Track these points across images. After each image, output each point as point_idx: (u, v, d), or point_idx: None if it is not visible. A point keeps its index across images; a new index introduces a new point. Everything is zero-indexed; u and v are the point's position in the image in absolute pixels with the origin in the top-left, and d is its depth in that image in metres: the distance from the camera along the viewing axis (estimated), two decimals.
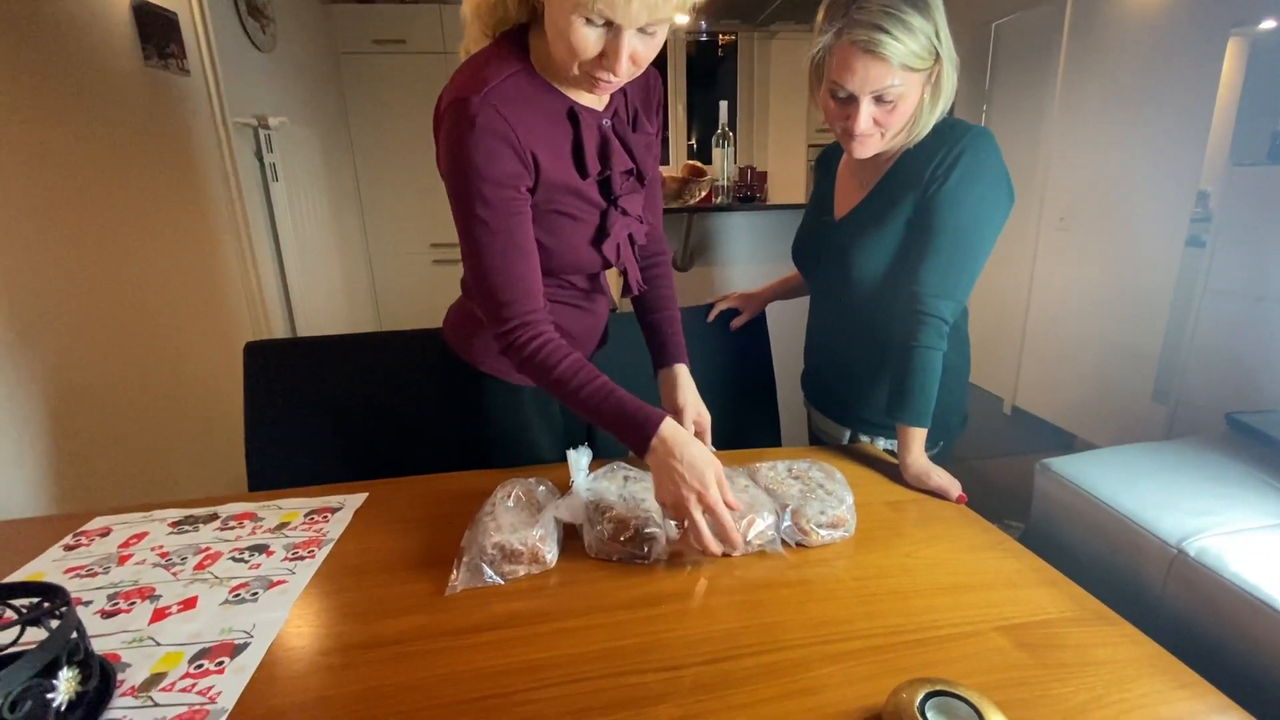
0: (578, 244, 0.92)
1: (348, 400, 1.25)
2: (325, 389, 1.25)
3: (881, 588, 0.72)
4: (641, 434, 0.78)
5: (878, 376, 1.09)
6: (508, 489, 0.85)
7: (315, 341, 1.28)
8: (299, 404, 1.23)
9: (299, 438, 1.23)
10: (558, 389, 0.83)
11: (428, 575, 0.75)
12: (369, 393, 1.26)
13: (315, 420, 1.24)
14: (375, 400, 1.26)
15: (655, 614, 0.68)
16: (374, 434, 1.26)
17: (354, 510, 0.93)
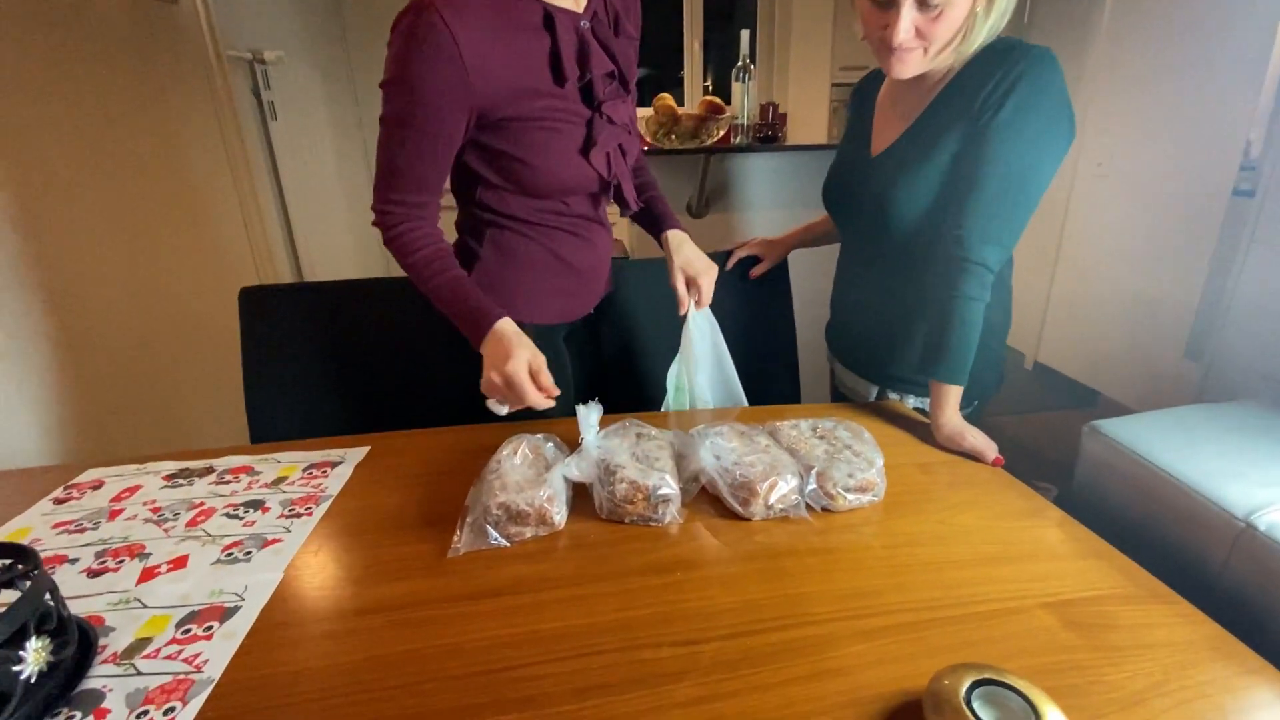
0: (565, 158, 0.88)
1: (350, 349, 1.20)
2: (326, 337, 1.19)
3: (914, 557, 0.66)
4: (479, 328, 0.84)
5: (911, 329, 1.02)
6: (514, 445, 0.80)
7: (314, 287, 1.21)
8: (299, 353, 1.18)
9: (300, 389, 1.18)
10: (414, 273, 0.87)
11: (430, 535, 0.71)
12: (372, 341, 1.21)
13: (316, 370, 1.19)
14: (378, 349, 1.21)
15: (670, 581, 0.63)
16: (377, 384, 1.21)
17: (354, 465, 0.89)
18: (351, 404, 1.20)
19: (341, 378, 1.20)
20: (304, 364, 1.18)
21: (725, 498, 0.74)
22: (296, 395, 1.18)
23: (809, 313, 1.42)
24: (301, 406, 1.18)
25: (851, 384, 1.15)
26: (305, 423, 1.17)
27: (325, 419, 1.18)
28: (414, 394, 1.22)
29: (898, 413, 1.02)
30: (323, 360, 1.19)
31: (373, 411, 1.21)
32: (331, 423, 1.18)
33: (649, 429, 0.85)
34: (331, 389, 1.19)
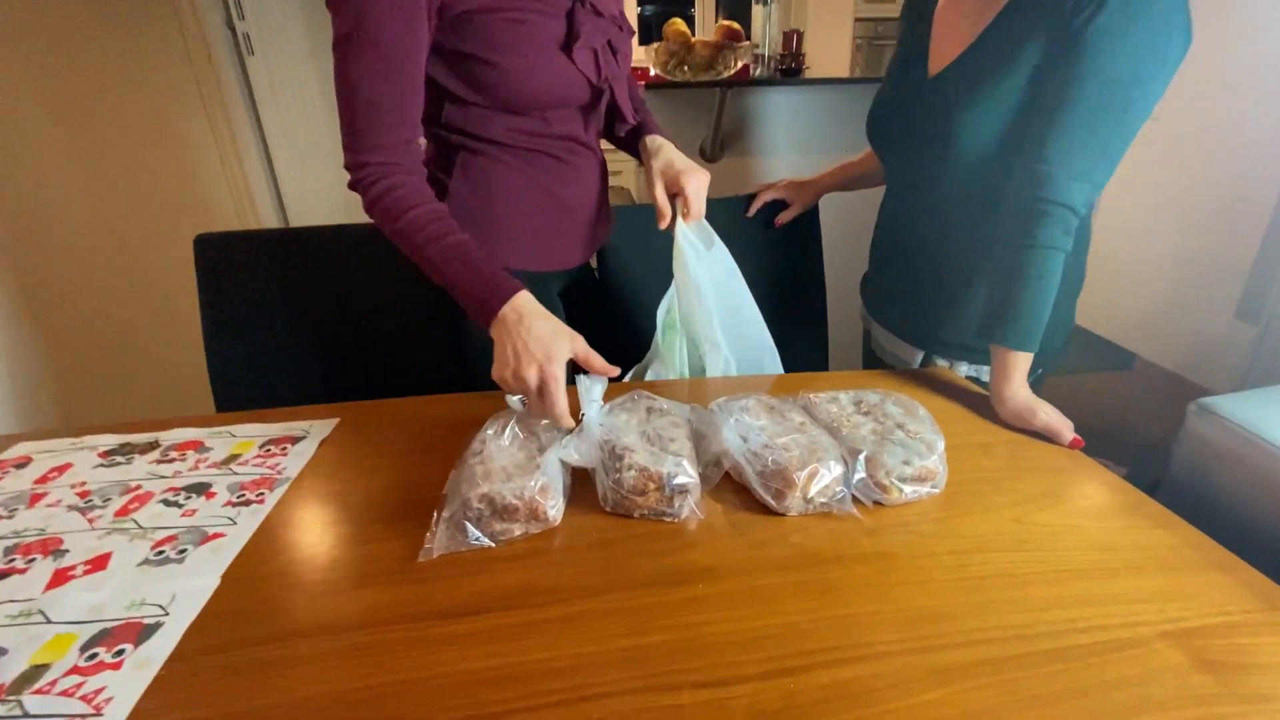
0: (543, 58, 0.74)
1: (326, 304, 1.07)
2: (295, 292, 1.06)
3: (989, 566, 0.54)
4: (492, 300, 0.69)
5: (970, 285, 0.87)
6: (501, 422, 0.67)
7: (282, 234, 1.07)
8: (264, 310, 1.05)
9: (267, 350, 1.05)
10: (405, 240, 0.71)
11: (401, 531, 0.59)
12: (351, 295, 1.07)
13: (285, 329, 1.06)
14: (358, 304, 1.08)
15: (690, 597, 0.51)
16: (356, 345, 1.08)
17: (319, 440, 0.76)
18: (326, 367, 1.08)
19: (315, 337, 1.07)
20: (271, 322, 1.05)
21: (755, 489, 0.61)
22: (264, 358, 1.05)
23: (840, 267, 1.27)
24: (270, 371, 1.05)
25: (891, 348, 1.01)
26: (273, 389, 1.05)
27: (296, 384, 1.06)
28: (398, 355, 1.09)
29: (947, 382, 0.89)
30: (293, 318, 1.06)
31: (351, 376, 1.08)
32: (304, 389, 1.06)
33: (660, 402, 0.72)
34: (304, 350, 1.07)
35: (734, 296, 0.91)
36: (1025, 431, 0.75)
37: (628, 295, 1.09)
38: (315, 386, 1.07)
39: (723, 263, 0.89)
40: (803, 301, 1.19)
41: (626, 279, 1.09)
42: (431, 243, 0.71)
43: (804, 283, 1.19)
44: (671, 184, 0.83)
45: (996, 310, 0.77)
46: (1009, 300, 0.76)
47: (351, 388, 1.07)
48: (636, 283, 1.10)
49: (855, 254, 1.12)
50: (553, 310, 0.91)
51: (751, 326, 0.93)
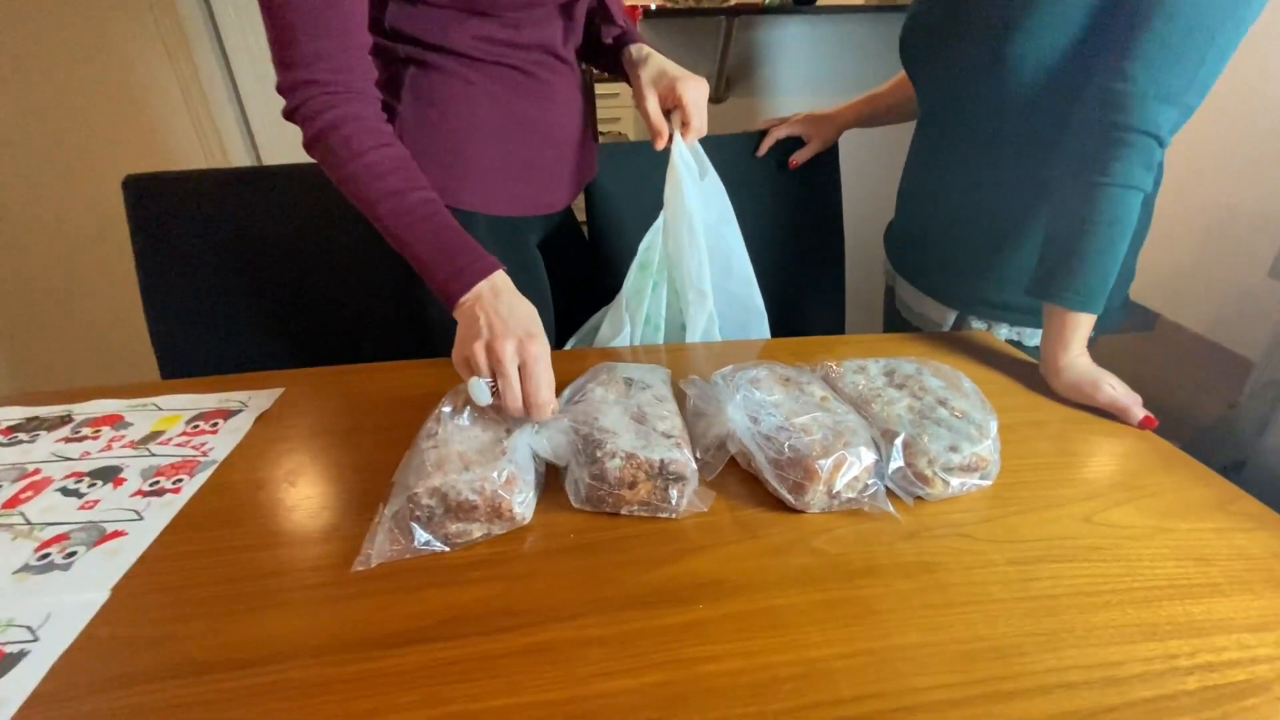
0: None
1: (278, 257, 0.94)
2: (245, 242, 0.93)
3: (1060, 582, 0.44)
4: (465, 276, 0.58)
5: (1017, 234, 0.75)
6: (462, 396, 0.56)
7: (226, 176, 0.94)
8: (209, 263, 0.92)
9: (212, 308, 0.93)
10: (354, 193, 0.58)
11: (337, 530, 0.49)
12: (305, 245, 0.95)
13: (233, 285, 0.94)
14: (315, 256, 0.95)
15: (689, 620, 0.41)
16: (316, 303, 0.96)
17: (257, 414, 0.65)
18: (284, 328, 0.96)
19: (270, 294, 0.95)
20: (218, 277, 0.93)
21: (768, 480, 0.51)
22: (210, 317, 0.93)
23: (861, 214, 1.14)
24: (217, 332, 0.93)
25: (919, 308, 0.89)
26: (225, 353, 0.94)
27: (251, 347, 0.94)
28: (358, 315, 0.97)
29: (985, 348, 0.77)
30: (244, 271, 0.94)
31: (305, 338, 0.96)
32: (260, 352, 0.95)
33: (638, 371, 0.61)
34: (257, 309, 0.95)
35: (724, 245, 0.78)
36: (1082, 407, 0.64)
37: (621, 249, 0.97)
38: (273, 349, 0.95)
39: (715, 203, 0.76)
40: (818, 254, 1.06)
41: (620, 229, 0.97)
42: (389, 199, 0.58)
43: (820, 232, 1.06)
44: (666, 95, 0.69)
45: (1055, 263, 0.65)
46: (1072, 251, 0.63)
47: (314, 350, 0.96)
48: (632, 234, 0.97)
49: (879, 199, 0.99)
50: (531, 266, 0.79)
51: (740, 283, 0.80)
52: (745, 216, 0.80)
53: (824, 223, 1.05)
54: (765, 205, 1.01)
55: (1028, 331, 0.79)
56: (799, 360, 0.66)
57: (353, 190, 0.58)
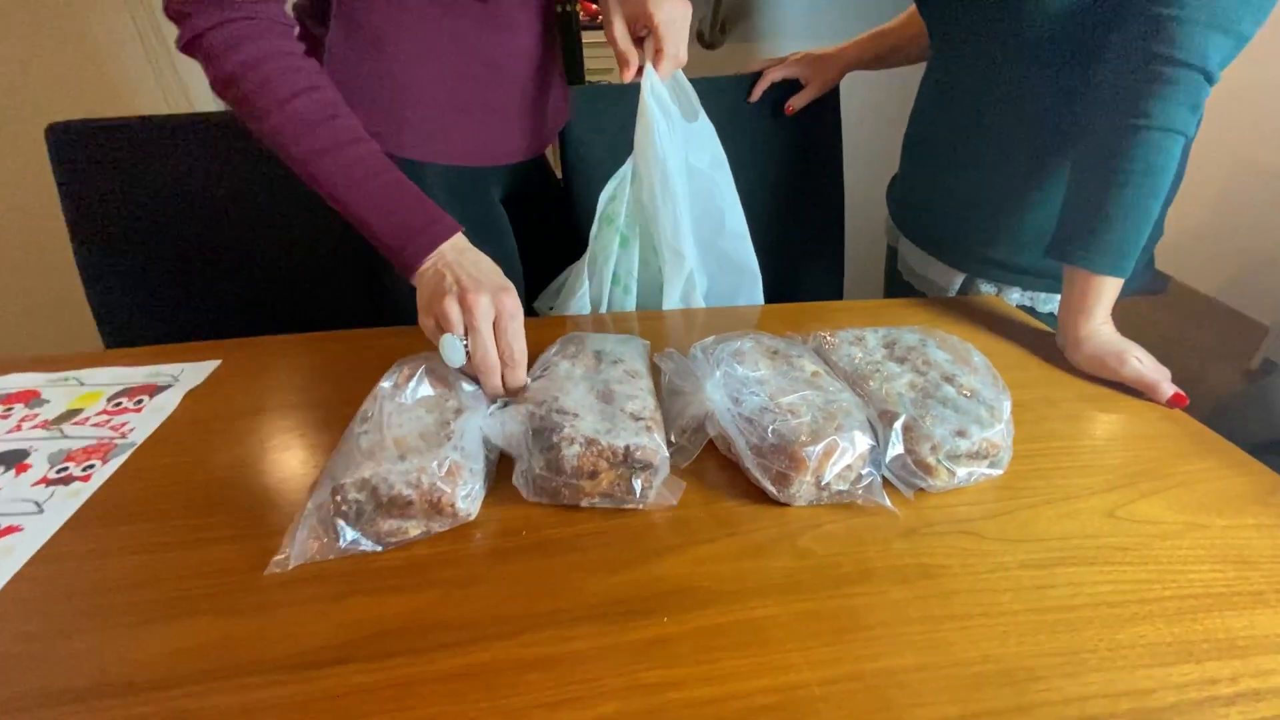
0: None
1: (215, 214, 0.86)
2: (180, 197, 0.85)
3: (1080, 589, 0.38)
4: (425, 238, 0.51)
5: (1036, 187, 0.67)
6: (406, 370, 0.49)
7: (163, 123, 0.85)
8: (145, 221, 0.85)
9: (150, 272, 0.86)
10: (283, 144, 0.50)
11: (259, 525, 0.43)
12: (244, 201, 0.86)
13: (172, 244, 0.86)
14: (254, 211, 0.87)
15: (653, 637, 0.35)
16: (262, 264, 0.89)
17: (187, 390, 0.59)
18: (224, 292, 0.88)
19: (212, 254, 0.87)
20: (154, 236, 0.85)
21: (749, 469, 0.45)
22: (149, 281, 0.86)
23: (863, 166, 1.05)
24: (156, 297, 0.86)
25: (923, 271, 0.82)
26: (168, 319, 0.87)
27: (192, 314, 0.87)
28: (314, 278, 0.89)
29: (994, 314, 0.70)
30: (182, 229, 0.86)
31: (253, 303, 0.89)
32: (201, 320, 0.88)
33: (617, 345, 0.54)
34: (195, 271, 0.87)
35: (716, 195, 0.70)
36: (1103, 382, 0.58)
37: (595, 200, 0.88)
38: (223, 316, 0.88)
39: (707, 146, 0.68)
40: (815, 211, 0.98)
41: (599, 181, 0.88)
42: (323, 155, 0.50)
43: (817, 187, 0.97)
44: (636, 18, 0.59)
45: (1080, 219, 0.58)
46: (1100, 206, 0.56)
47: (266, 316, 0.89)
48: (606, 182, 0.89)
49: (883, 150, 0.90)
50: (492, 225, 0.71)
51: (734, 241, 0.73)
52: (735, 169, 0.72)
53: (823, 176, 0.97)
54: (758, 156, 0.93)
55: (1042, 297, 0.72)
56: (790, 329, 0.59)
57: (278, 145, 0.50)
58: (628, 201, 0.65)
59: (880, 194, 0.91)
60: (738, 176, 0.72)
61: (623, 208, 0.65)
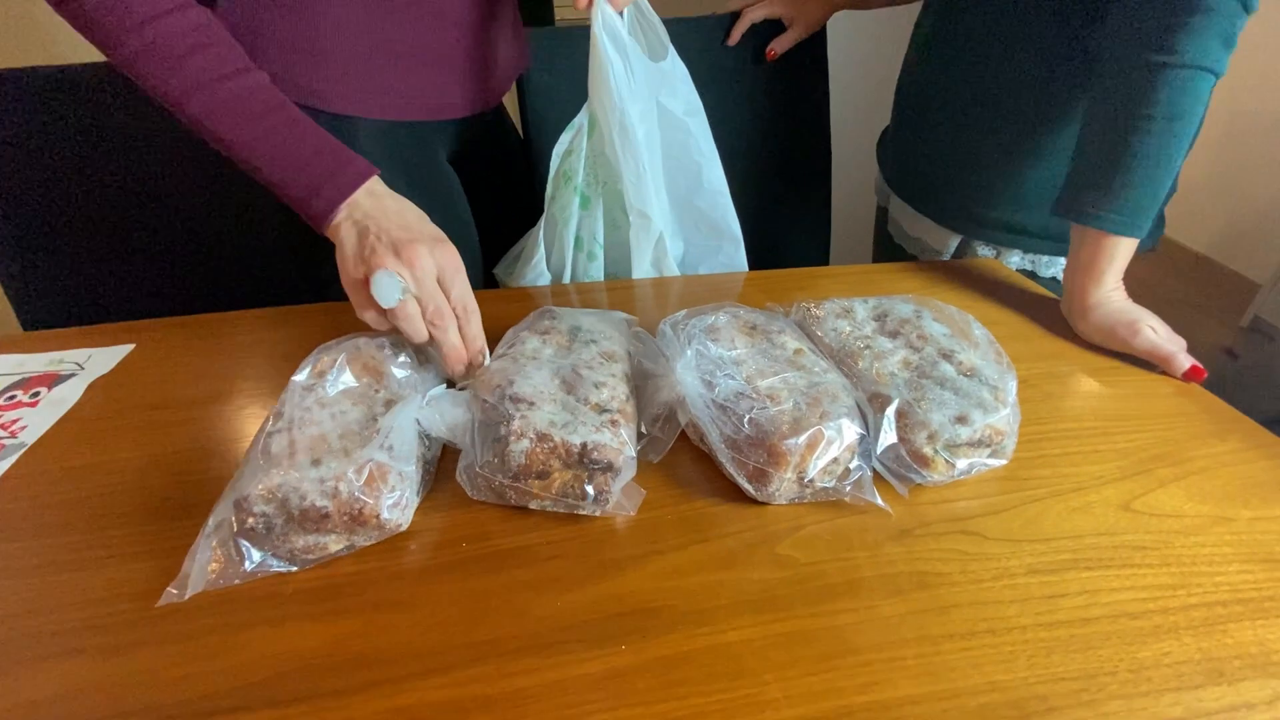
0: None
1: (149, 171, 0.78)
2: (110, 154, 0.76)
3: (1096, 598, 0.33)
4: (334, 184, 0.44)
5: (1043, 139, 0.61)
6: (331, 358, 0.43)
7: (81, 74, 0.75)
8: (64, 187, 0.76)
9: (72, 242, 0.78)
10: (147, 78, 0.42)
11: (165, 542, 0.37)
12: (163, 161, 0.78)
13: (95, 209, 0.77)
14: (175, 173, 0.78)
15: (610, 669, 0.30)
16: (199, 232, 0.81)
17: (92, 380, 0.52)
18: (155, 266, 0.80)
19: (140, 220, 0.79)
20: (74, 199, 0.76)
21: (723, 464, 0.39)
22: (63, 256, 0.78)
23: (851, 118, 0.98)
24: (72, 273, 0.78)
25: (916, 232, 0.76)
26: (88, 298, 0.79)
27: (112, 291, 0.80)
28: (243, 249, 0.82)
29: (992, 279, 0.65)
30: (105, 191, 0.77)
31: (190, 278, 0.81)
32: (119, 297, 0.80)
33: (596, 321, 0.48)
34: (121, 241, 0.79)
35: (690, 147, 0.63)
36: (1110, 353, 0.53)
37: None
38: (134, 293, 0.80)
39: (679, 90, 0.60)
40: (799, 167, 0.91)
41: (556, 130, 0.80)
42: (197, 93, 0.42)
43: (802, 140, 0.90)
44: None
45: (1093, 173, 0.52)
46: (1117, 157, 0.50)
47: (197, 292, 0.81)
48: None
49: (874, 100, 0.83)
50: (438, 186, 0.63)
51: (712, 198, 0.66)
52: (710, 121, 0.65)
53: (808, 128, 0.89)
54: (737, 106, 0.85)
55: (1044, 260, 0.67)
56: (771, 300, 0.53)
57: (142, 80, 0.42)
58: (585, 155, 0.58)
59: (870, 148, 0.84)
60: (714, 129, 0.65)
61: (580, 163, 0.58)
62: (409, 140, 0.58)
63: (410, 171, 0.57)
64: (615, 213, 0.64)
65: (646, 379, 0.44)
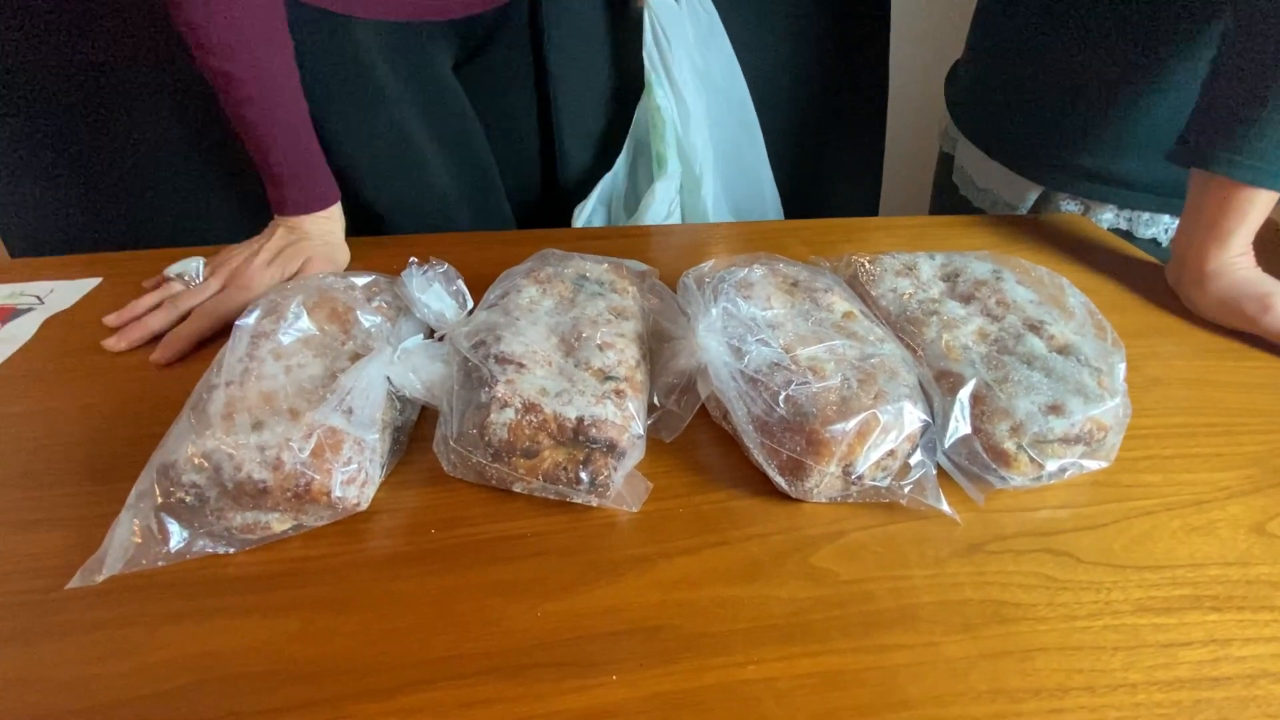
0: None
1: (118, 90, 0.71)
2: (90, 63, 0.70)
3: (1225, 654, 0.26)
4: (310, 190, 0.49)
5: (1157, 74, 0.51)
6: (290, 297, 0.36)
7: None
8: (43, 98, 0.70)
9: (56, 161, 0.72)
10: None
11: (103, 507, 0.32)
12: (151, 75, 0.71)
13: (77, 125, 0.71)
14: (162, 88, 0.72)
15: (593, 706, 0.24)
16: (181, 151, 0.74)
17: (49, 316, 0.47)
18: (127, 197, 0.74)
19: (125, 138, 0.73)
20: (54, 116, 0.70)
21: (750, 450, 0.32)
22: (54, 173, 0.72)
23: (909, 55, 0.86)
24: (66, 195, 0.73)
25: (986, 183, 0.66)
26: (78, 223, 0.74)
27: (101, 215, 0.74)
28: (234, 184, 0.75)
29: (1080, 238, 0.55)
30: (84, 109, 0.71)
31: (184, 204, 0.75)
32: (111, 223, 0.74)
33: (604, 270, 0.41)
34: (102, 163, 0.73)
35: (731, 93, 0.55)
36: (1232, 332, 0.44)
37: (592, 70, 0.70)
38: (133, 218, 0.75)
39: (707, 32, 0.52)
40: (848, 110, 0.80)
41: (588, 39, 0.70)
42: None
43: (853, 80, 0.79)
44: None
45: (1227, 111, 0.42)
46: (1259, 93, 0.40)
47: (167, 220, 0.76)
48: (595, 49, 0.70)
49: (942, 28, 0.71)
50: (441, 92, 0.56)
51: (750, 151, 0.58)
52: (751, 49, 0.56)
53: (862, 65, 0.78)
54: (779, 40, 0.74)
55: (1144, 217, 0.56)
56: (815, 252, 0.45)
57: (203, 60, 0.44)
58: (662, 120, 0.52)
59: (932, 86, 0.73)
60: (755, 60, 0.55)
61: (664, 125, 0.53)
62: (404, 45, 0.51)
63: (410, 78, 0.51)
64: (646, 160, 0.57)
65: (663, 342, 0.37)
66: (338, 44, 0.50)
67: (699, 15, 0.62)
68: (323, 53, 0.49)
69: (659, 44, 0.59)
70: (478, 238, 0.57)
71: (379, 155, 0.54)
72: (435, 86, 0.55)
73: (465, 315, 0.38)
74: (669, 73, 0.59)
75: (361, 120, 0.53)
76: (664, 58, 0.59)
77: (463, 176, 0.57)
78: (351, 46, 0.50)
